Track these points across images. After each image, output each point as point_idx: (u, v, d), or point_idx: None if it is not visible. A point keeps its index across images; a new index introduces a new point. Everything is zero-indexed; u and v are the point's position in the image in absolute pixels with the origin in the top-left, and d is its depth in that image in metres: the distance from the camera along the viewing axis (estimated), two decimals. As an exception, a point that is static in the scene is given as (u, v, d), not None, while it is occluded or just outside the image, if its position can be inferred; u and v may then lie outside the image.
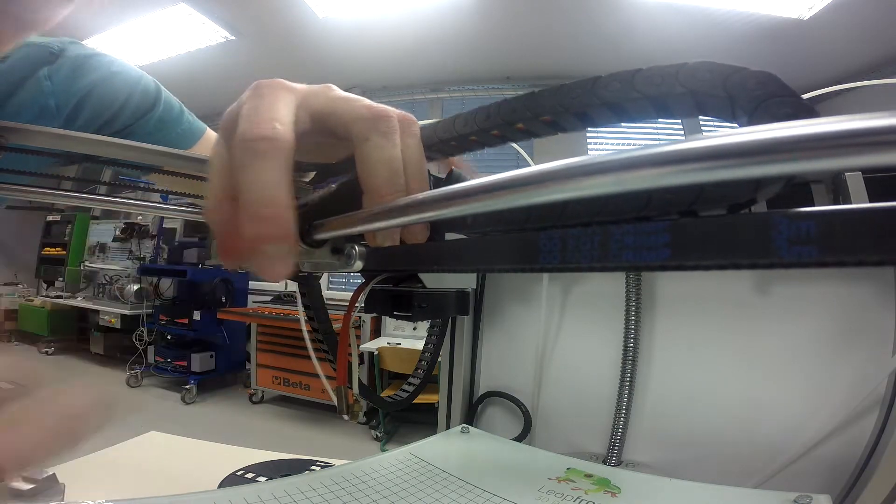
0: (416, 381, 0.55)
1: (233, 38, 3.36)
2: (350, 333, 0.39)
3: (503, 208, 0.13)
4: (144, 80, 0.55)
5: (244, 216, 0.20)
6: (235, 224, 0.20)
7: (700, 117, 0.19)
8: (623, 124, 0.21)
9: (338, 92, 0.24)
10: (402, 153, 0.23)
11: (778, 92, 0.15)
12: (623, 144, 3.69)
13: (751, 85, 0.16)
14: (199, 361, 3.79)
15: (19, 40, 0.41)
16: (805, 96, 0.44)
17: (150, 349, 4.07)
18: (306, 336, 0.49)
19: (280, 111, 0.21)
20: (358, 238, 0.24)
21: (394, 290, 0.39)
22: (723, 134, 0.09)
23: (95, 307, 4.38)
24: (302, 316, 0.55)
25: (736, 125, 0.17)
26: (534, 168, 0.12)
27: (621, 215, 0.19)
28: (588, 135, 3.59)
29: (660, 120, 0.20)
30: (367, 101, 0.23)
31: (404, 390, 0.55)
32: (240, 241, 0.20)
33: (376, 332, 3.63)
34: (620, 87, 0.19)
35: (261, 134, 0.20)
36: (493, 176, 0.13)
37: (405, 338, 3.37)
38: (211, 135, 0.62)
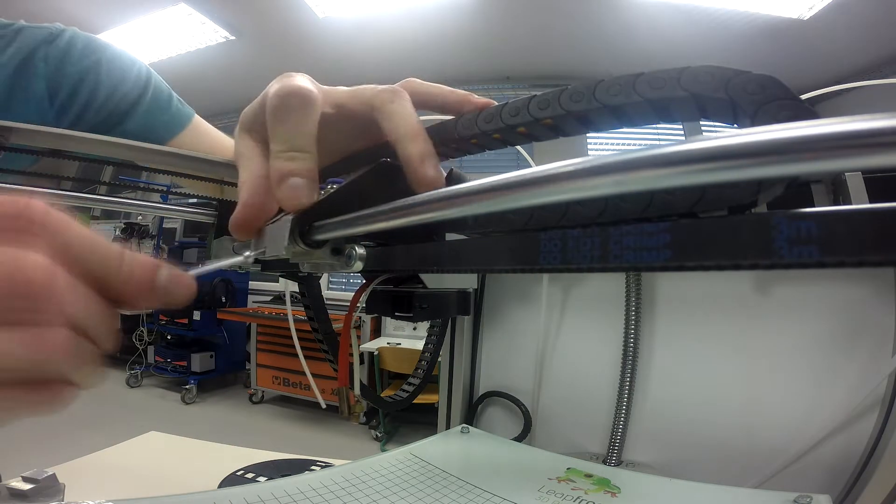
0: (416, 381, 0.55)
1: (233, 38, 3.36)
2: (351, 334, 0.39)
3: (505, 209, 0.13)
4: (137, 66, 0.56)
5: (276, 159, 0.23)
6: (267, 196, 0.24)
7: (702, 122, 0.19)
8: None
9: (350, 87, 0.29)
10: (382, 115, 0.27)
11: (779, 95, 0.15)
12: (623, 145, 3.69)
13: (752, 88, 0.16)
14: (199, 361, 3.79)
15: None
16: (805, 96, 0.44)
17: (150, 349, 4.07)
18: (295, 338, 0.49)
19: (306, 81, 0.26)
20: (358, 238, 0.24)
21: (395, 291, 0.39)
22: (725, 135, 0.09)
23: (95, 307, 4.39)
24: (290, 316, 0.55)
25: (738, 128, 0.17)
26: (536, 169, 0.12)
27: (622, 216, 0.19)
28: (589, 136, 3.59)
29: (661, 123, 0.20)
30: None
31: (404, 390, 0.55)
32: (269, 194, 0.24)
33: (376, 332, 3.63)
34: (622, 90, 0.19)
35: (293, 90, 0.24)
36: (496, 177, 0.13)
37: (405, 338, 3.37)
38: (199, 122, 0.61)
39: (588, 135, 3.55)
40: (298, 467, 0.63)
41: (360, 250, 0.23)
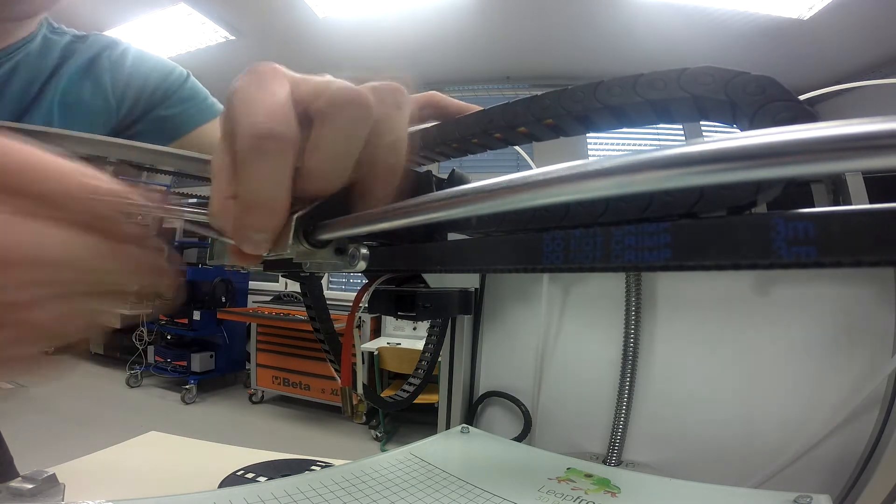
0: (417, 381, 0.56)
1: (233, 38, 3.36)
2: (354, 334, 0.39)
3: (509, 210, 0.13)
4: (179, 67, 0.66)
5: (240, 206, 0.20)
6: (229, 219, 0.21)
7: (702, 122, 0.19)
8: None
9: (321, 77, 0.23)
10: (381, 128, 0.22)
11: (778, 96, 0.15)
12: (623, 147, 3.69)
13: (751, 89, 0.16)
14: (199, 361, 3.79)
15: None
16: (805, 96, 0.44)
17: (150, 349, 4.07)
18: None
19: (281, 103, 0.20)
20: (361, 238, 0.24)
21: (398, 290, 0.39)
22: (725, 138, 0.10)
23: (95, 307, 4.38)
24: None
25: (737, 129, 0.17)
26: (539, 171, 0.12)
27: (623, 217, 0.19)
28: (588, 136, 3.59)
29: (660, 124, 0.20)
30: (341, 84, 0.22)
31: (404, 390, 0.55)
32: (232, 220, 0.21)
33: (376, 332, 3.63)
34: (622, 91, 0.19)
35: (264, 132, 0.19)
36: (498, 178, 0.14)
37: (405, 338, 3.37)
38: None
39: (588, 136, 3.57)
40: (298, 467, 0.63)
41: (364, 250, 0.23)
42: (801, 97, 0.16)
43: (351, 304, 0.39)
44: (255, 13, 3.09)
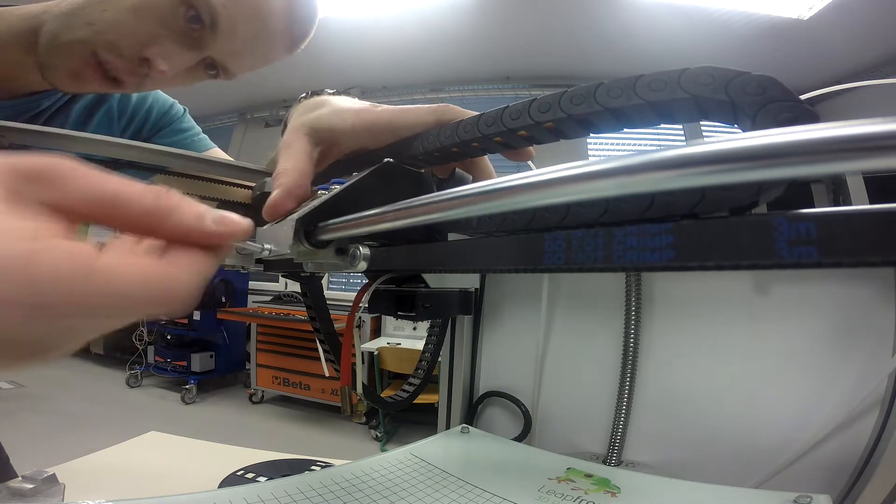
0: (417, 382, 0.56)
1: (233, 37, 3.35)
2: (354, 334, 0.39)
3: (509, 211, 0.13)
4: (176, 103, 0.72)
5: None
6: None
7: (702, 122, 0.19)
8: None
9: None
10: None
11: (779, 96, 0.15)
12: (623, 147, 3.68)
13: (752, 89, 0.16)
14: (199, 361, 3.79)
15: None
16: (805, 96, 0.44)
17: (150, 349, 4.06)
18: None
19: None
20: (362, 238, 0.24)
21: (398, 290, 0.39)
22: (727, 138, 0.10)
23: (95, 307, 4.37)
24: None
25: (738, 129, 0.17)
26: (539, 171, 0.12)
27: (623, 217, 0.19)
28: (589, 137, 3.58)
29: (661, 125, 0.20)
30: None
31: (404, 390, 0.55)
32: None
33: (376, 332, 3.63)
34: (622, 92, 0.19)
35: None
36: (500, 179, 0.14)
37: (405, 338, 3.37)
38: (218, 152, 0.73)
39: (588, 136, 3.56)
40: (298, 467, 0.63)
41: (364, 250, 0.23)
42: (802, 97, 0.16)
43: (351, 304, 0.39)
44: (255, 13, 3.08)
